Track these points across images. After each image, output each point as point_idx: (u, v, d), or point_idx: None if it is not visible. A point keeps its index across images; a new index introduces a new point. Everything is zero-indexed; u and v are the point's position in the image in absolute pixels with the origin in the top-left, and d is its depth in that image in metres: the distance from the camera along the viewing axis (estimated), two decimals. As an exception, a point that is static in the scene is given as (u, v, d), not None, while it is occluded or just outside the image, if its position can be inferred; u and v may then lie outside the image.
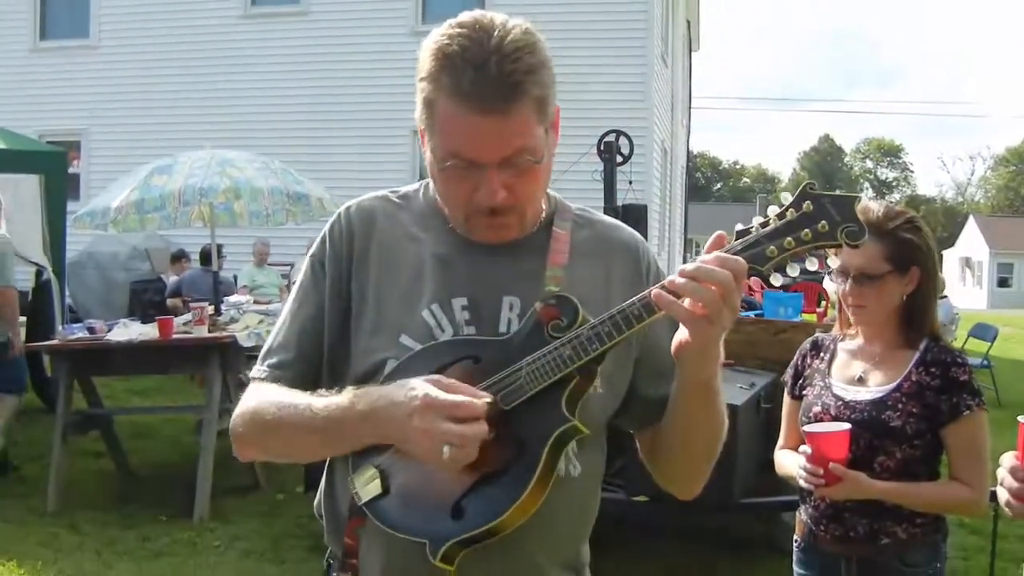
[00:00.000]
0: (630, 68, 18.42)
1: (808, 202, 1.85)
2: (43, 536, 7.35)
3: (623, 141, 7.17)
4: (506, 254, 2.08)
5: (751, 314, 14.62)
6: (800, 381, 3.62)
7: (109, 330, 8.55)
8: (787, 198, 1.87)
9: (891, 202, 3.53)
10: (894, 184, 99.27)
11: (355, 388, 1.97)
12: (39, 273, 11.09)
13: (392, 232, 2.16)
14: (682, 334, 1.87)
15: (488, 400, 1.88)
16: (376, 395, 1.92)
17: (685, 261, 28.38)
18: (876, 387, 3.37)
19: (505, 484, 1.90)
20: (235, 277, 14.42)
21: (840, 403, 3.39)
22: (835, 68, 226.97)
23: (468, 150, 1.92)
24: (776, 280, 1.92)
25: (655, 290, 1.83)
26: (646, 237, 7.20)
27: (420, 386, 1.86)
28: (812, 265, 1.87)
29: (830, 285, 3.54)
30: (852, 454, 3.23)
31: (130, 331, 8.50)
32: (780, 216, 1.86)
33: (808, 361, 3.64)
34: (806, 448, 3.28)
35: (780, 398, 3.79)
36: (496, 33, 1.88)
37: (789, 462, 3.51)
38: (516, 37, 1.89)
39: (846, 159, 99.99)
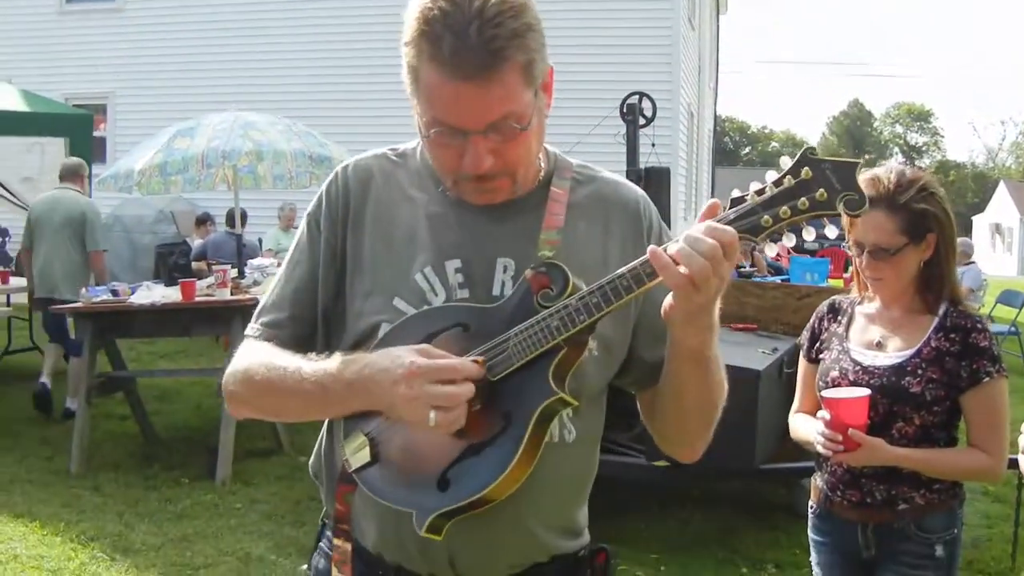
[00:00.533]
0: (657, 31, 18.32)
1: (807, 168, 1.77)
2: (66, 497, 7.40)
3: (646, 103, 7.10)
4: (501, 214, 2.05)
5: (778, 279, 14.61)
6: (817, 344, 3.59)
7: (132, 293, 8.57)
8: (787, 163, 1.80)
9: (904, 164, 3.48)
10: (924, 149, 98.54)
11: (344, 354, 1.97)
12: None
13: (388, 192, 2.14)
14: (670, 299, 1.83)
15: (475, 359, 1.87)
16: (363, 363, 1.91)
17: (711, 226, 28.52)
18: (895, 352, 3.34)
19: (491, 456, 1.88)
20: (260, 240, 14.43)
21: (858, 368, 3.35)
22: (866, 32, 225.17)
23: (451, 117, 1.88)
24: (771, 251, 1.84)
25: (652, 248, 1.79)
26: (670, 200, 7.16)
27: (406, 354, 1.85)
28: (809, 235, 1.80)
29: (856, 249, 3.50)
30: (871, 420, 3.21)
31: (153, 294, 8.53)
32: (777, 183, 1.79)
33: (825, 324, 3.60)
34: (824, 414, 3.25)
35: (803, 363, 3.76)
36: None
37: (806, 427, 3.48)
38: (500, 0, 1.84)
39: (875, 124, 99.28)
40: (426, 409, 1.79)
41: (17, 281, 12.86)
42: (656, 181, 6.98)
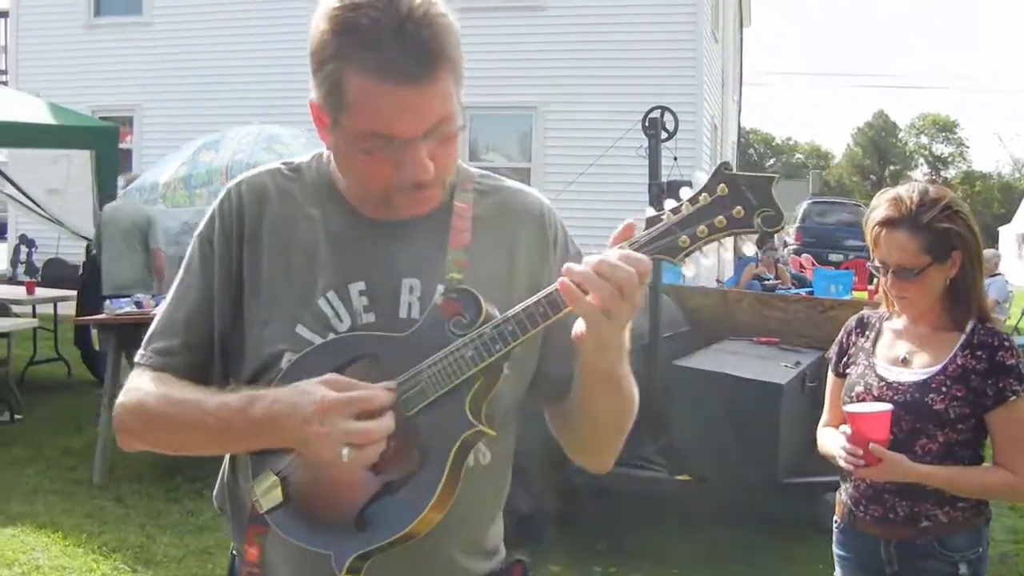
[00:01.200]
0: (680, 43, 18.29)
1: (722, 185, 1.71)
2: (89, 508, 7.42)
3: (668, 117, 7.10)
4: (404, 231, 1.98)
5: (801, 291, 14.59)
6: (844, 359, 3.57)
7: (156, 304, 8.59)
8: (702, 179, 1.74)
9: (928, 181, 3.48)
10: (949, 160, 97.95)
11: (250, 389, 1.86)
12: (89, 248, 11.17)
13: (284, 210, 2.03)
14: (580, 325, 1.77)
15: (388, 387, 1.80)
16: (270, 399, 1.81)
17: (736, 238, 28.46)
18: (920, 369, 3.32)
19: (410, 493, 1.82)
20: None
21: (883, 384, 3.34)
22: (890, 43, 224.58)
23: (391, 126, 1.80)
24: (689, 271, 1.78)
25: (562, 281, 1.72)
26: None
27: (314, 388, 1.76)
28: (727, 252, 1.73)
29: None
30: (894, 436, 3.19)
31: (176, 306, 8.55)
32: (693, 201, 1.73)
33: (853, 339, 3.58)
34: (846, 428, 3.24)
35: (825, 376, 3.74)
36: (404, 1, 1.77)
37: (831, 441, 3.46)
38: (422, 1, 1.79)
39: (900, 135, 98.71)
40: (339, 446, 1.72)
41: (43, 292, 12.95)
42: (677, 195, 6.97)
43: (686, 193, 1.74)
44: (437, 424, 1.82)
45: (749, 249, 1.74)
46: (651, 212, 1.76)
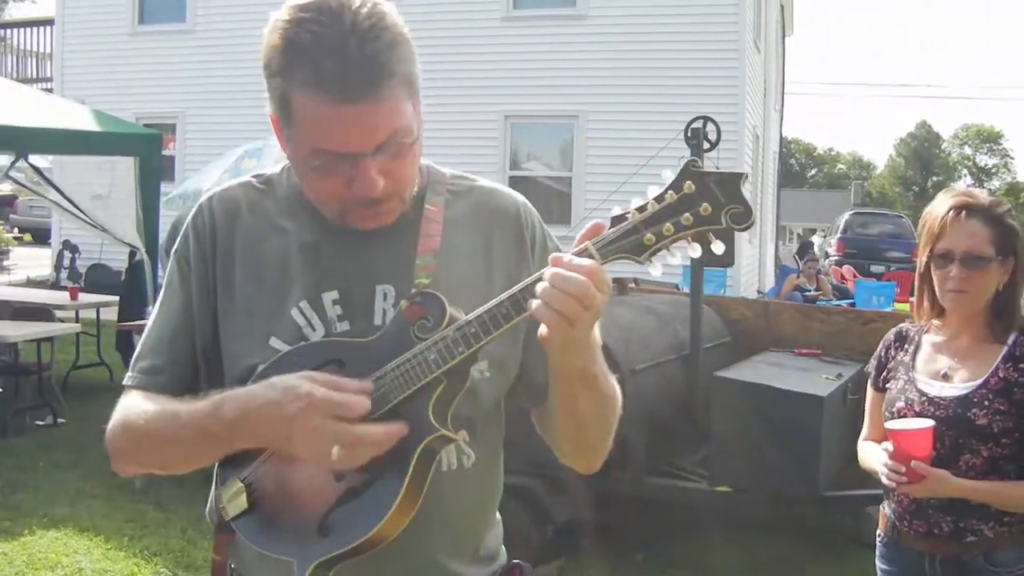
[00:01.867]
0: (722, 54, 18.26)
1: (689, 182, 1.66)
2: (130, 513, 7.47)
3: (710, 128, 7.07)
4: (376, 238, 1.95)
5: (843, 303, 14.52)
6: (884, 373, 3.54)
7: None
8: (669, 176, 1.69)
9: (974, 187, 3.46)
10: (993, 171, 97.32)
11: (219, 391, 1.86)
12: (132, 254, 11.25)
13: (256, 224, 2.02)
14: (543, 329, 1.72)
15: (365, 388, 1.78)
16: (245, 397, 1.80)
17: (778, 249, 28.04)
18: (962, 383, 3.29)
19: (372, 499, 1.80)
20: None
21: (924, 399, 3.31)
22: (933, 52, 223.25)
23: (337, 143, 1.78)
24: (655, 270, 1.71)
25: (512, 292, 1.73)
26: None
27: (301, 384, 1.75)
28: (695, 252, 1.68)
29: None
30: (936, 452, 3.16)
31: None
32: (659, 199, 1.68)
33: (892, 352, 3.55)
34: (888, 445, 3.21)
35: (867, 389, 3.72)
36: (347, 12, 1.74)
37: (872, 456, 3.43)
38: (369, 13, 1.75)
39: (944, 145, 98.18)
40: (328, 444, 1.72)
41: (86, 297, 13.04)
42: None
43: (652, 191, 1.70)
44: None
45: (718, 248, 1.67)
46: (617, 211, 1.71)
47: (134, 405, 1.98)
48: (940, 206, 3.30)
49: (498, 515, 2.18)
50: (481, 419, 1.98)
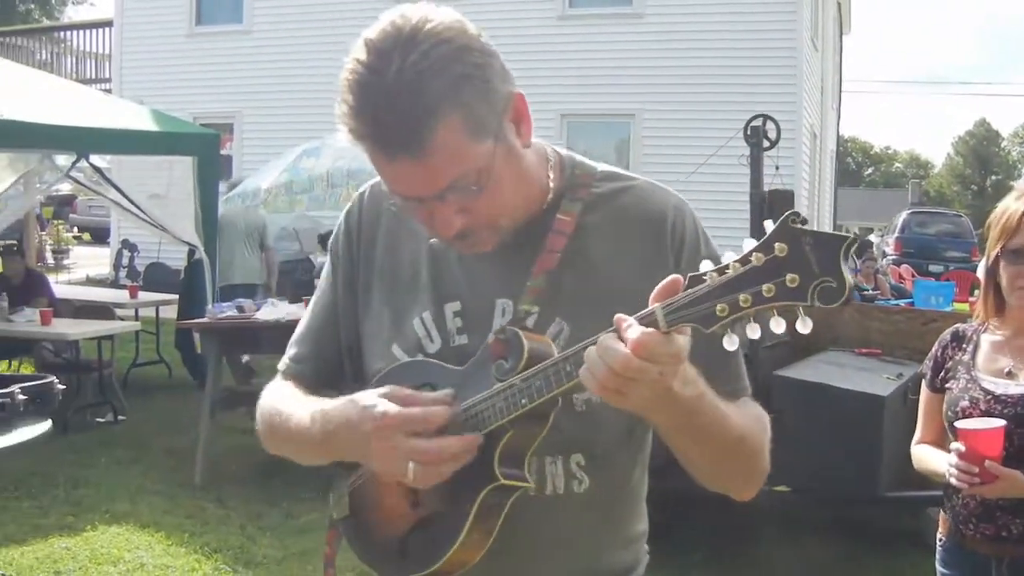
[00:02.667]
0: (779, 52, 18.19)
1: (781, 243, 1.42)
2: (190, 509, 7.53)
3: (770, 126, 7.03)
4: (502, 248, 1.85)
5: (901, 302, 14.39)
6: (941, 373, 3.48)
7: (257, 309, 8.70)
8: (769, 227, 1.45)
9: None
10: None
11: (323, 404, 1.87)
12: (191, 253, 11.34)
13: (397, 222, 2.00)
14: None
15: (446, 401, 1.75)
16: (334, 413, 1.83)
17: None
18: (1028, 380, 3.25)
19: (439, 533, 1.79)
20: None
21: (990, 397, 3.26)
22: (993, 49, 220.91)
23: (400, 189, 1.74)
24: (730, 343, 1.50)
25: (550, 365, 1.65)
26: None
27: (376, 402, 1.74)
28: (779, 327, 1.45)
29: (984, 274, 3.40)
30: (1006, 451, 3.11)
31: (278, 310, 8.63)
32: (744, 261, 1.45)
33: (949, 352, 3.49)
34: (958, 445, 3.15)
35: (926, 390, 3.68)
36: (396, 56, 1.62)
37: (933, 458, 3.38)
38: (422, 55, 1.62)
39: (1003, 144, 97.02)
40: (404, 462, 1.69)
41: (145, 295, 13.16)
42: (780, 204, 6.90)
43: (748, 245, 1.46)
44: (471, 469, 1.73)
45: (803, 326, 1.42)
46: (702, 268, 1.50)
47: (273, 393, 2.07)
48: (1015, 203, 3.25)
49: (639, 530, 2.11)
50: (603, 444, 1.89)
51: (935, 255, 27.60)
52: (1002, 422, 3.12)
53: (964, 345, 3.45)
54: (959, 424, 3.21)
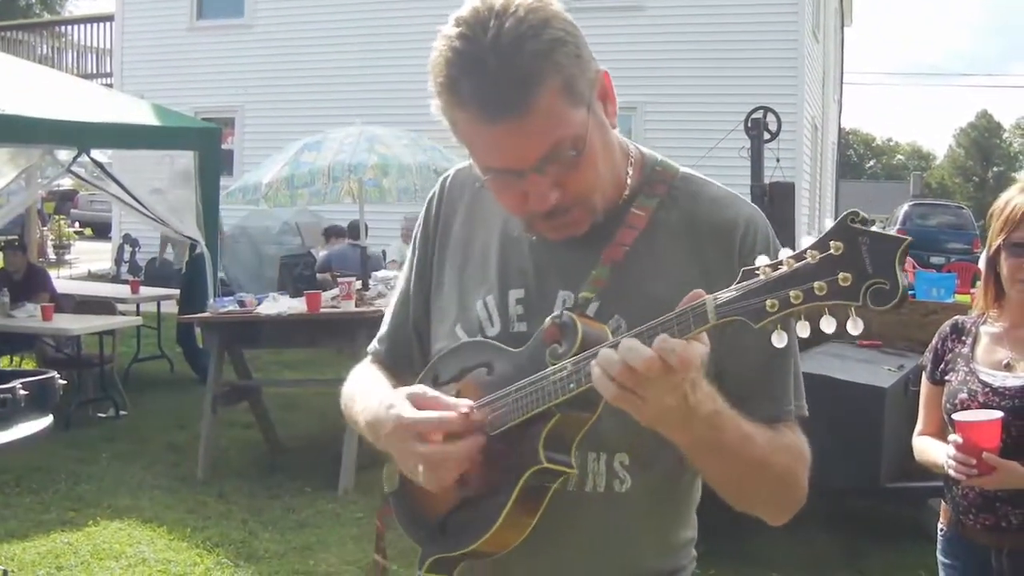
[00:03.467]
0: (781, 44, 18.16)
1: (837, 242, 1.41)
2: (192, 503, 7.54)
3: (771, 118, 7.02)
4: (572, 241, 1.85)
5: (903, 294, 14.30)
6: (941, 365, 3.49)
7: (259, 304, 8.69)
8: (829, 224, 1.45)
9: None
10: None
11: (373, 399, 1.94)
12: (193, 247, 11.35)
13: (474, 210, 2.04)
14: None
15: (465, 410, 1.77)
16: (374, 410, 1.89)
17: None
18: (1025, 373, 3.25)
19: (482, 513, 1.80)
20: (383, 252, 14.57)
21: (988, 389, 3.26)
22: (994, 41, 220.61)
23: (498, 161, 1.73)
24: (779, 340, 1.49)
25: (593, 366, 1.59)
26: (794, 215, 7.06)
27: (397, 404, 1.81)
28: (829, 327, 1.44)
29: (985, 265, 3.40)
30: (1003, 443, 3.12)
31: (279, 305, 8.62)
32: (798, 258, 1.45)
33: (949, 344, 3.49)
34: (956, 437, 3.16)
35: (927, 381, 3.68)
36: (492, 24, 1.64)
37: (933, 450, 3.39)
38: (518, 20, 1.64)
39: (1005, 136, 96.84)
40: (414, 463, 1.77)
41: (147, 290, 13.17)
42: (780, 196, 6.90)
43: (806, 242, 1.48)
44: (516, 451, 1.76)
45: (854, 327, 1.42)
46: (762, 260, 1.49)
47: (355, 376, 2.15)
48: (1019, 195, 3.25)
49: (687, 536, 2.09)
50: (648, 445, 1.80)
51: (937, 247, 27.55)
52: (999, 414, 3.13)
53: (963, 337, 3.46)
54: (957, 416, 3.22)
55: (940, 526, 3.51)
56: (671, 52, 18.31)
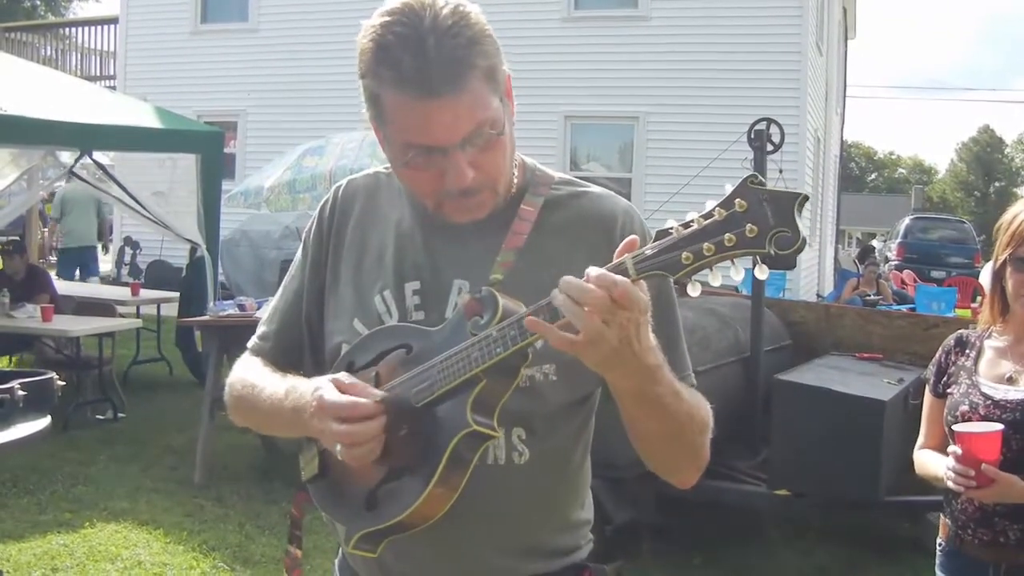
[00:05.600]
0: (784, 56, 18.13)
1: (740, 199, 1.56)
2: (189, 507, 7.53)
3: (774, 129, 7.00)
4: (467, 233, 2.02)
5: (903, 308, 14.37)
6: (944, 379, 3.48)
7: (258, 308, 8.69)
8: (728, 189, 1.60)
9: None
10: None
11: (292, 380, 2.05)
12: (193, 250, 11.35)
13: (368, 213, 2.19)
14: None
15: (378, 398, 1.85)
16: (298, 391, 1.99)
17: (837, 253, 27.62)
18: (1028, 386, 3.24)
19: (410, 482, 1.88)
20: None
21: (989, 402, 3.26)
22: (997, 56, 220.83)
23: (425, 137, 1.86)
24: (694, 289, 1.64)
25: (528, 314, 1.73)
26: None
27: (321, 386, 1.89)
28: (738, 274, 1.61)
29: (986, 279, 3.41)
30: (1004, 456, 3.11)
31: (278, 309, 8.60)
32: (707, 216, 1.59)
33: (952, 358, 3.49)
34: (955, 449, 3.16)
35: (928, 395, 3.67)
36: (428, 13, 1.81)
37: (933, 462, 3.39)
38: (452, 11, 1.83)
39: (1007, 151, 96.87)
40: (333, 443, 1.85)
41: (147, 293, 13.17)
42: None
43: (709, 205, 1.61)
44: (443, 419, 1.86)
45: (761, 272, 1.60)
46: (666, 224, 1.64)
47: (243, 367, 2.23)
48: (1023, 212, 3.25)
49: (582, 517, 2.19)
50: (543, 419, 2.00)
51: (937, 261, 27.62)
52: (1000, 426, 3.13)
53: (967, 351, 3.46)
54: (956, 427, 3.22)
55: (939, 540, 3.50)
56: (674, 63, 18.30)
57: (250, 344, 2.28)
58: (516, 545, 2.06)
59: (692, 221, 1.61)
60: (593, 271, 1.64)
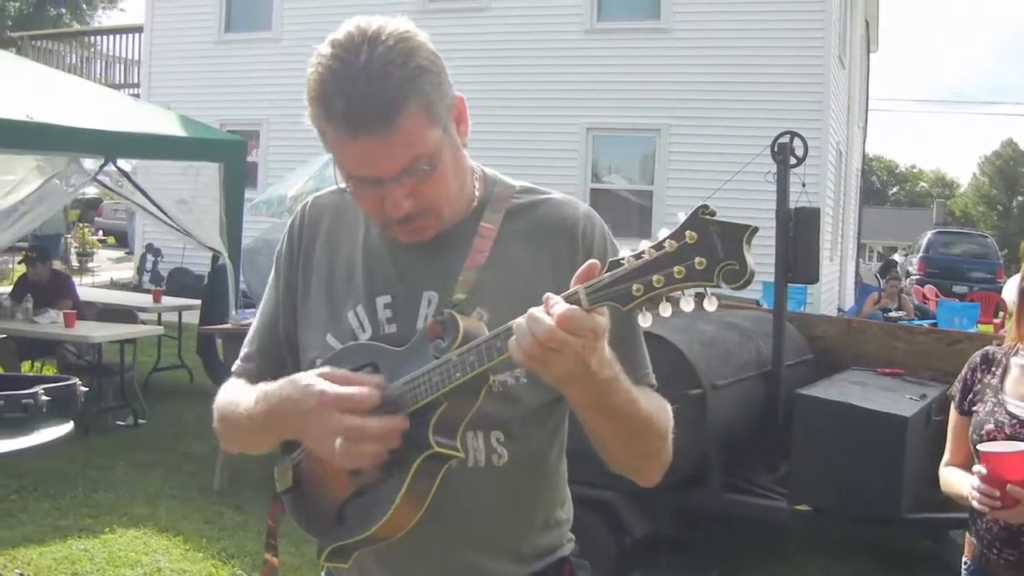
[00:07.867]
0: (806, 69, 18.10)
1: (691, 231, 1.59)
2: (208, 514, 7.56)
3: (797, 143, 6.98)
4: (432, 248, 2.07)
5: (924, 323, 14.30)
6: (970, 396, 3.46)
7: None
8: (680, 220, 1.62)
9: None
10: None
11: (266, 386, 2.04)
12: (215, 258, 11.38)
13: (336, 229, 2.22)
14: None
15: (378, 384, 1.89)
16: (274, 393, 1.99)
17: (858, 267, 27.49)
18: (1054, 406, 3.22)
19: (376, 499, 1.93)
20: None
21: (1015, 421, 3.24)
22: (1019, 69, 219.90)
23: (360, 170, 1.91)
24: (645, 320, 1.67)
25: (487, 340, 1.80)
26: (818, 241, 7.03)
27: (316, 382, 1.90)
28: (688, 306, 1.62)
29: (1009, 295, 3.39)
30: (1029, 476, 3.09)
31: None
32: (658, 247, 1.62)
33: (978, 375, 3.47)
34: (980, 468, 3.13)
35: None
36: (365, 49, 1.84)
37: (959, 480, 3.36)
38: (387, 49, 1.84)
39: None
40: (333, 437, 1.84)
41: (169, 300, 13.21)
42: (805, 222, 6.87)
43: (662, 234, 1.63)
44: (409, 438, 1.88)
45: (710, 305, 1.62)
46: (621, 254, 1.67)
47: (225, 391, 2.24)
48: None
49: (562, 516, 2.24)
50: (519, 421, 2.05)
51: (960, 276, 27.53)
52: (1024, 446, 3.10)
53: (993, 368, 3.44)
54: (981, 447, 3.19)
55: (964, 559, 3.48)
56: (697, 75, 18.28)
57: (234, 367, 2.30)
58: (498, 547, 2.11)
59: (643, 252, 1.64)
60: (553, 302, 1.68)
